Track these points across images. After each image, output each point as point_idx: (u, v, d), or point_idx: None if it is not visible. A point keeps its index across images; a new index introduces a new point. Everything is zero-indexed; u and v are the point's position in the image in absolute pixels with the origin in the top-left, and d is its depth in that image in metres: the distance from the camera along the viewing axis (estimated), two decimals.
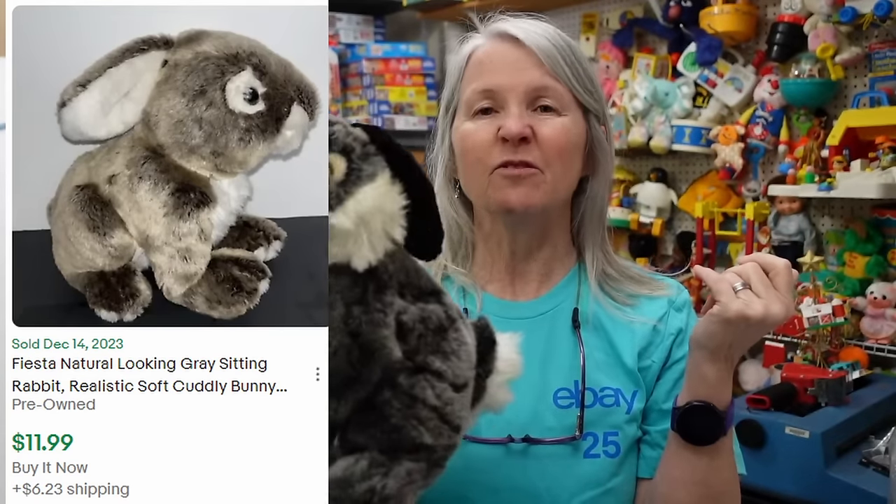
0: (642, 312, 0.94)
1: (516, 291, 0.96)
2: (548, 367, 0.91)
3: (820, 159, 1.89)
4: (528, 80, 0.89)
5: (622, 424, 0.90)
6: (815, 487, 1.44)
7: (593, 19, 2.50)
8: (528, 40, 0.89)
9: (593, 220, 0.97)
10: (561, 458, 0.87)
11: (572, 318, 0.93)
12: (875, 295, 1.78)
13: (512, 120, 0.87)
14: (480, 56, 0.92)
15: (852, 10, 1.75)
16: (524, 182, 0.88)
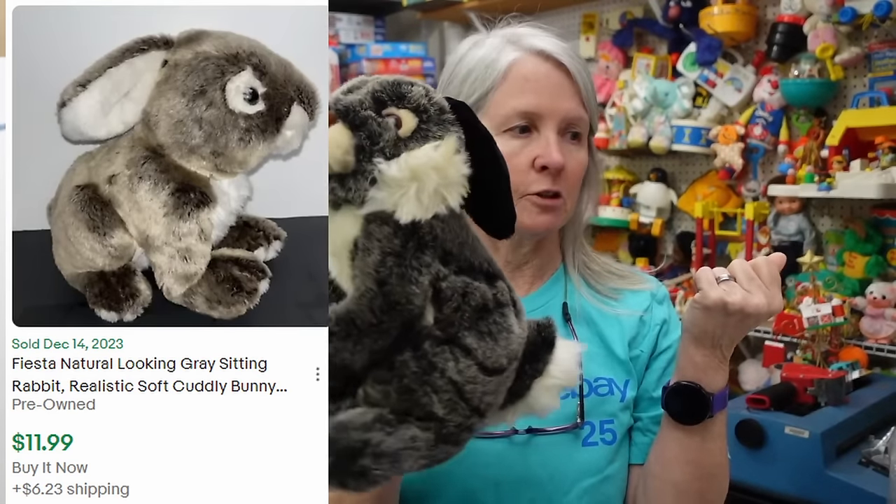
0: (628, 305, 0.98)
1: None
2: None
3: (819, 159, 1.89)
4: (567, 108, 0.91)
5: (617, 412, 0.93)
6: (815, 487, 1.44)
7: (593, 19, 2.50)
8: (570, 66, 0.91)
9: (578, 226, 1.00)
10: (562, 446, 0.90)
11: (562, 311, 0.96)
12: (875, 295, 1.78)
13: (555, 150, 0.89)
14: (524, 73, 0.91)
15: (852, 10, 1.75)
16: (551, 210, 0.91)
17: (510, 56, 0.92)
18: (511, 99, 0.91)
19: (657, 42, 2.37)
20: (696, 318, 0.83)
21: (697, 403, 0.86)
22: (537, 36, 0.94)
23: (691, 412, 0.86)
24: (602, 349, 0.96)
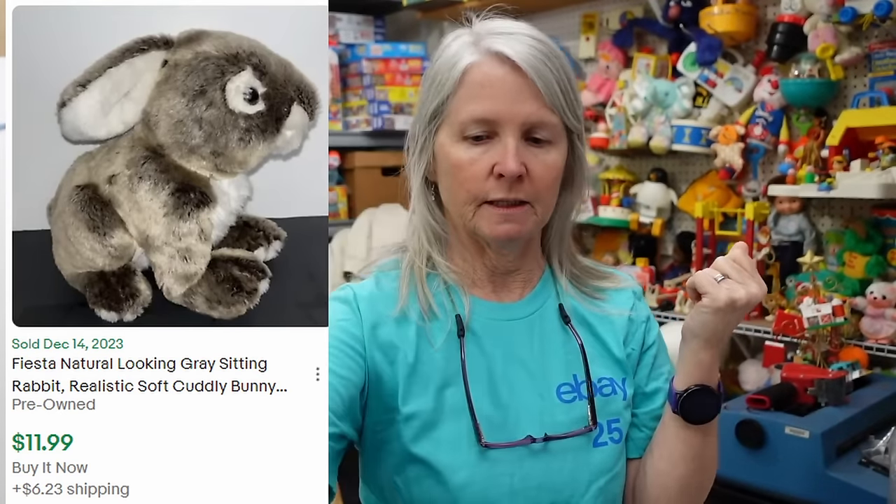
0: (615, 304, 1.00)
1: (501, 296, 0.97)
2: (546, 366, 0.94)
3: (820, 159, 1.89)
4: (526, 113, 0.87)
5: (621, 411, 0.95)
6: (815, 487, 1.44)
7: (593, 19, 2.50)
8: (528, 67, 0.87)
9: (562, 228, 0.99)
10: (576, 450, 0.91)
11: (560, 314, 0.97)
12: (875, 295, 1.78)
13: (510, 158, 0.86)
14: (478, 78, 0.89)
15: (852, 10, 1.75)
16: (514, 218, 0.89)
17: (468, 59, 0.90)
18: (467, 105, 0.89)
19: (657, 42, 2.37)
20: (707, 321, 0.87)
21: (710, 403, 0.91)
22: (500, 36, 0.90)
23: (706, 412, 0.91)
24: (601, 349, 0.97)
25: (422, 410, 0.89)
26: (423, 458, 0.88)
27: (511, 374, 0.93)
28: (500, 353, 0.93)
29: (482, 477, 0.88)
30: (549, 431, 0.90)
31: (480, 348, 0.93)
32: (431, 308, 0.93)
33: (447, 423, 0.89)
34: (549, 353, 0.95)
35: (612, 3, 2.46)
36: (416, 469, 0.89)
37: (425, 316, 0.93)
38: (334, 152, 2.80)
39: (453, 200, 0.93)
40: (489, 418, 0.90)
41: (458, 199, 0.91)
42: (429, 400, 0.90)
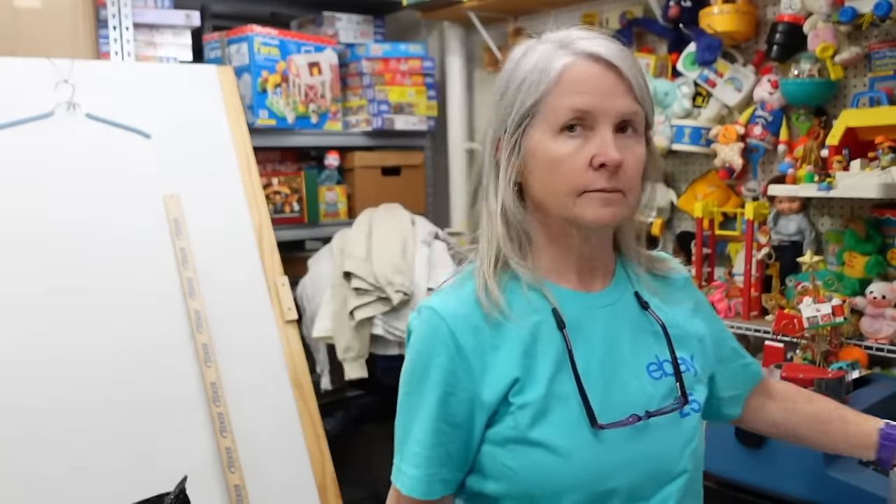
0: (676, 288, 1.12)
1: (587, 286, 1.05)
2: (635, 347, 1.03)
3: (819, 159, 1.89)
4: (620, 106, 0.95)
5: (694, 384, 1.05)
6: (815, 487, 1.44)
7: (593, 19, 2.50)
8: (621, 65, 0.95)
9: (635, 220, 1.08)
10: (670, 423, 1.01)
11: (637, 301, 1.06)
12: (875, 294, 1.77)
13: (611, 148, 0.94)
14: (575, 76, 0.95)
15: (852, 9, 1.75)
16: (613, 202, 0.96)
17: (562, 60, 0.96)
18: (565, 99, 0.95)
19: (657, 41, 2.37)
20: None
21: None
22: (588, 39, 0.97)
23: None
24: (675, 332, 1.06)
25: (534, 400, 0.96)
26: (540, 441, 0.96)
27: (609, 358, 1.01)
28: (597, 340, 1.01)
29: (597, 456, 0.96)
30: (648, 408, 0.99)
31: (580, 335, 1.00)
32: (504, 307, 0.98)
33: (559, 408, 0.96)
34: (636, 335, 1.04)
35: (612, 3, 2.46)
36: (534, 453, 0.96)
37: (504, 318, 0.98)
38: (334, 152, 2.80)
39: (552, 192, 0.98)
40: (596, 401, 0.97)
41: (558, 191, 0.97)
42: (540, 389, 0.96)
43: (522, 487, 0.97)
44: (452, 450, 0.99)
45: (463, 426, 0.98)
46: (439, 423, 0.98)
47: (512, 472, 0.97)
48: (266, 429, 2.08)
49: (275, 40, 2.59)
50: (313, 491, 2.11)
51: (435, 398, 0.97)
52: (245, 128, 2.42)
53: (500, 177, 1.01)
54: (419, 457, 0.99)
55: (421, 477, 0.99)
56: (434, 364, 0.97)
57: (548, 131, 0.96)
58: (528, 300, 0.99)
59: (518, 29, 2.70)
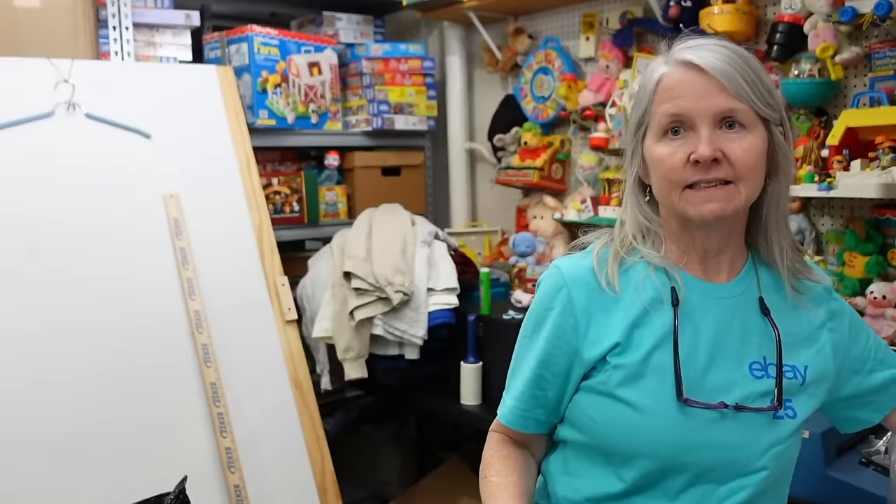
0: (811, 296, 1.14)
1: (710, 277, 1.11)
2: (744, 343, 1.08)
3: (820, 159, 1.89)
4: (714, 105, 1.01)
5: (796, 393, 1.08)
6: (815, 487, 1.44)
7: (593, 19, 2.50)
8: (710, 68, 1.01)
9: (779, 217, 1.11)
10: (759, 421, 1.05)
11: (759, 306, 1.10)
12: (875, 295, 1.77)
13: (703, 144, 1.00)
14: (669, 83, 1.04)
15: (852, 9, 1.75)
16: (717, 197, 1.02)
17: (659, 72, 1.06)
18: (662, 106, 1.04)
19: (657, 42, 2.37)
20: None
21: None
22: (686, 48, 1.05)
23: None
24: (788, 338, 1.09)
25: (629, 363, 1.05)
26: (626, 399, 1.04)
27: (713, 345, 1.06)
28: (707, 326, 1.07)
29: (678, 427, 1.02)
30: (739, 401, 1.04)
31: (691, 318, 1.07)
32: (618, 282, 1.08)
33: (653, 377, 1.04)
34: (747, 333, 1.08)
35: (612, 3, 2.46)
36: (618, 408, 1.05)
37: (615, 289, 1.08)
38: (334, 152, 2.80)
39: (661, 191, 1.07)
40: (690, 379, 1.04)
41: (664, 189, 1.06)
42: (638, 355, 1.05)
43: (601, 440, 1.07)
44: (551, 394, 1.11)
45: (562, 375, 1.09)
46: (542, 369, 1.10)
47: (594, 423, 1.07)
48: (266, 429, 2.08)
49: (275, 40, 2.59)
50: (313, 491, 2.11)
51: (543, 344, 1.10)
52: (245, 128, 2.42)
53: (628, 181, 1.13)
54: (520, 392, 1.13)
55: (516, 409, 1.13)
56: (549, 316, 1.10)
57: (655, 136, 1.05)
58: (653, 278, 1.08)
59: (518, 29, 2.70)
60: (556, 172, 2.62)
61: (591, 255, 1.12)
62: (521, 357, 1.15)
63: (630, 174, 1.12)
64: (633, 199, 1.13)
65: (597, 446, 1.08)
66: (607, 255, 1.11)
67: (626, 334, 1.06)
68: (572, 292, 1.09)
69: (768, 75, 1.07)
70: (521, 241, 2.60)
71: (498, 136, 2.80)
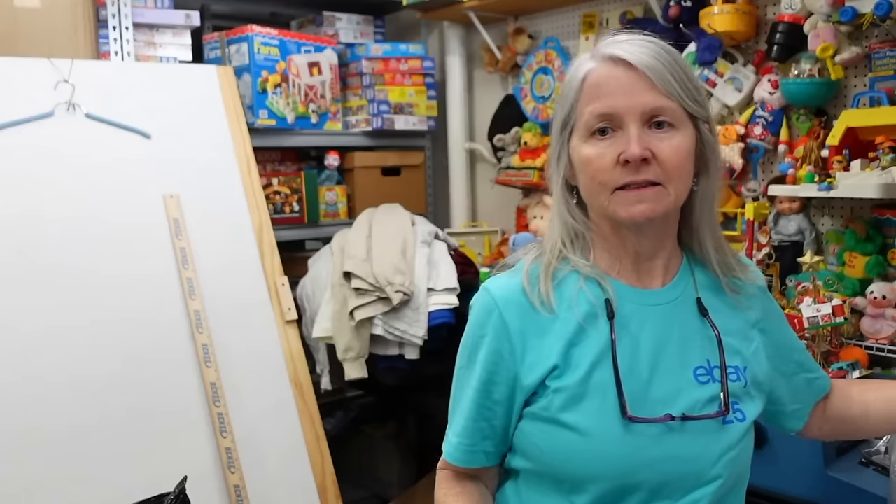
0: (746, 295, 1.10)
1: (644, 283, 1.06)
2: (685, 348, 1.04)
3: (820, 159, 1.89)
4: (643, 102, 0.97)
5: (741, 395, 1.04)
6: (815, 487, 1.44)
7: (593, 19, 2.50)
8: (639, 63, 0.96)
9: (710, 214, 1.07)
10: (709, 429, 1.01)
11: (697, 306, 1.06)
12: (875, 295, 1.77)
13: (633, 143, 0.95)
14: (596, 79, 0.99)
15: (852, 9, 1.75)
16: (646, 198, 0.97)
17: (586, 67, 1.01)
18: (589, 105, 0.99)
19: None
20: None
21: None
22: (613, 44, 1.00)
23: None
24: (730, 340, 1.06)
25: (569, 385, 1.00)
26: (570, 424, 0.99)
27: (654, 355, 1.02)
28: (646, 335, 1.03)
29: (625, 447, 0.97)
30: (687, 410, 1.00)
31: (628, 330, 1.02)
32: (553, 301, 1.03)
33: (595, 396, 0.99)
34: (688, 338, 1.04)
35: (612, 3, 2.46)
36: (563, 434, 1.00)
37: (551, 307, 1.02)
38: (334, 152, 2.80)
39: (590, 194, 1.02)
40: (633, 394, 0.99)
41: (593, 192, 1.01)
42: (577, 376, 1.00)
43: (549, 467, 1.02)
44: (496, 424, 1.05)
45: (505, 403, 1.04)
46: (483, 399, 1.05)
47: (540, 450, 1.02)
48: (266, 429, 2.08)
49: (275, 40, 2.59)
50: (313, 491, 2.10)
51: (481, 373, 1.05)
52: (245, 128, 2.42)
53: (555, 184, 1.08)
54: (462, 427, 1.07)
55: (461, 445, 1.08)
56: (483, 343, 1.05)
57: (582, 137, 1.00)
58: (584, 292, 1.03)
59: (518, 29, 2.70)
60: None
61: (521, 272, 1.06)
62: (460, 389, 1.09)
63: (556, 177, 1.07)
64: (562, 203, 1.07)
65: (546, 474, 1.03)
66: (538, 270, 1.05)
67: (562, 355, 1.01)
68: (504, 315, 1.03)
69: (694, 71, 1.03)
70: (521, 241, 2.60)
71: (498, 136, 2.80)
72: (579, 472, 0.99)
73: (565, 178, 1.06)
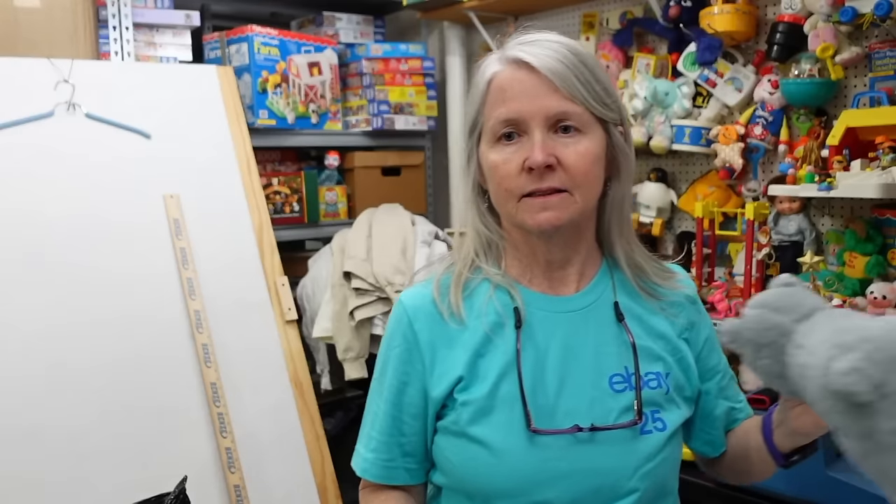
0: (672, 302, 1.06)
1: (557, 290, 1.03)
2: (600, 356, 1.00)
3: (820, 159, 1.89)
4: (547, 107, 0.94)
5: (663, 403, 1.00)
6: (815, 487, 1.44)
7: (593, 19, 2.50)
8: (542, 67, 0.94)
9: (620, 218, 1.04)
10: (623, 439, 0.96)
11: (614, 311, 1.02)
12: (875, 295, 1.77)
13: (536, 150, 0.93)
14: (500, 83, 0.97)
15: (852, 9, 1.75)
16: (552, 206, 0.94)
17: (491, 70, 0.98)
18: (494, 110, 0.96)
19: (657, 42, 2.37)
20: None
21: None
22: (519, 45, 0.97)
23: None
24: (648, 344, 1.02)
25: (476, 398, 0.97)
26: (478, 438, 0.96)
27: (565, 365, 0.98)
28: (556, 345, 0.99)
29: (532, 461, 0.94)
30: (600, 420, 0.96)
31: (535, 340, 0.99)
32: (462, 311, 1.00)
33: (503, 409, 0.96)
34: (604, 344, 1.00)
35: (612, 3, 2.46)
36: (471, 448, 0.97)
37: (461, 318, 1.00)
38: (334, 152, 2.80)
39: (499, 201, 0.99)
40: (542, 406, 0.96)
41: (501, 199, 0.98)
42: (484, 388, 0.97)
43: (461, 483, 0.99)
44: (414, 439, 1.02)
45: (420, 416, 1.01)
46: (397, 411, 1.02)
47: (453, 465, 1.00)
48: (266, 429, 2.08)
49: (275, 40, 2.59)
50: (313, 491, 2.11)
51: (395, 384, 1.02)
52: (245, 128, 2.42)
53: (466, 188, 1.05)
54: (376, 441, 1.04)
55: (375, 461, 1.04)
56: (394, 354, 1.02)
57: (488, 141, 0.98)
58: (494, 301, 1.00)
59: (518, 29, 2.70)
60: None
61: (433, 282, 1.03)
62: (373, 402, 1.06)
63: (467, 181, 1.04)
64: (474, 208, 1.04)
65: (460, 489, 1.00)
66: (449, 280, 1.03)
67: (469, 366, 0.98)
68: (415, 325, 1.01)
69: (606, 73, 1.00)
70: None
71: None
72: (488, 488, 0.95)
73: (478, 183, 1.03)
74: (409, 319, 1.02)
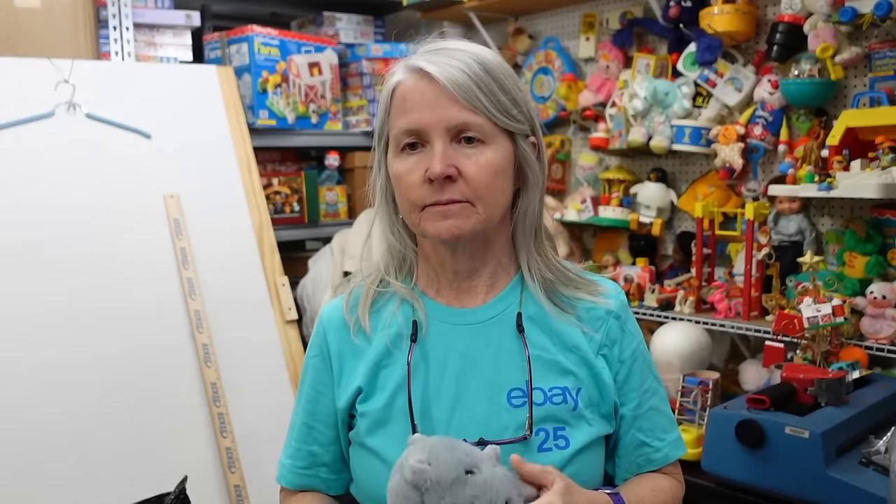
0: (592, 315, 1.02)
1: (463, 302, 1.02)
2: (500, 369, 0.98)
3: (820, 159, 1.89)
4: (447, 118, 0.92)
5: (569, 419, 0.97)
6: (815, 487, 1.44)
7: (593, 19, 2.50)
8: (442, 77, 0.92)
9: (526, 230, 1.01)
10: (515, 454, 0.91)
11: (516, 322, 0.99)
12: (875, 295, 1.77)
13: (436, 161, 0.91)
14: (402, 92, 0.95)
15: (852, 10, 1.75)
16: (452, 215, 0.93)
17: (395, 79, 0.97)
18: (397, 120, 0.95)
19: (657, 42, 2.37)
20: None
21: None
22: (423, 54, 0.96)
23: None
24: (558, 358, 0.99)
25: (373, 410, 0.97)
26: (374, 450, 0.97)
27: (462, 378, 0.97)
28: (455, 357, 0.98)
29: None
30: (495, 435, 0.93)
31: (434, 352, 0.98)
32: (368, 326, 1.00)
33: (398, 421, 0.96)
34: (505, 357, 0.98)
35: (612, 3, 2.46)
36: (370, 459, 0.97)
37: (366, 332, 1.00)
38: (334, 152, 2.80)
39: (404, 211, 0.98)
40: (435, 419, 0.95)
41: (406, 209, 0.97)
42: (380, 400, 0.97)
43: (364, 496, 1.00)
44: (329, 449, 1.04)
45: (332, 426, 1.03)
46: (310, 419, 1.04)
47: (357, 476, 1.01)
48: (266, 429, 2.08)
49: (275, 40, 2.59)
50: None
51: (310, 393, 1.04)
52: (245, 128, 2.42)
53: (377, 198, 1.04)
54: (293, 449, 1.07)
55: (292, 468, 1.06)
56: (311, 363, 1.04)
57: (394, 150, 0.97)
58: (398, 314, 1.01)
59: (518, 29, 2.70)
60: (556, 172, 2.62)
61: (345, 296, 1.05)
62: (294, 409, 1.08)
63: (377, 189, 1.03)
64: (384, 220, 1.03)
65: (366, 500, 1.00)
66: (360, 293, 1.03)
67: (369, 378, 0.98)
68: (328, 337, 1.03)
69: (518, 83, 0.98)
70: None
71: None
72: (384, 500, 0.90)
73: (389, 192, 1.01)
74: (324, 330, 1.04)
